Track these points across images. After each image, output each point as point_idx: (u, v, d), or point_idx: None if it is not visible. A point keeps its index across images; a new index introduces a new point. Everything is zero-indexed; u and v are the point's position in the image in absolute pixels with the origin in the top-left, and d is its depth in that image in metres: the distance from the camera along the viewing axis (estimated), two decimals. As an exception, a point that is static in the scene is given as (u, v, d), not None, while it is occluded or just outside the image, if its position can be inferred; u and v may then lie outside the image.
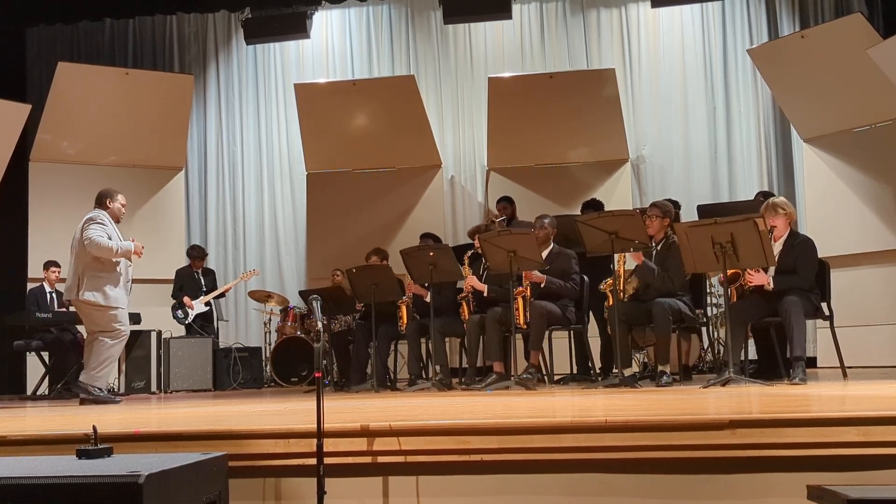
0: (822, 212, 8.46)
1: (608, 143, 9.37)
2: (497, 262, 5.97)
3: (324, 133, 9.74)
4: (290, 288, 10.04)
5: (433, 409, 3.94)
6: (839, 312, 6.00)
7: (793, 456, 2.69)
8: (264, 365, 9.17)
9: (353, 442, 2.89)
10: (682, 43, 10.08)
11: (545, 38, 10.31)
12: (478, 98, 10.12)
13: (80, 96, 9.13)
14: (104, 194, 6.46)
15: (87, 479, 2.17)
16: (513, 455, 2.84)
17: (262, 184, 10.64)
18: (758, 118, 9.79)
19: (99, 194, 6.48)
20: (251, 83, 10.76)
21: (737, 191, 9.62)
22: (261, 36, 10.03)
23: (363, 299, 7.02)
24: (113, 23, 10.67)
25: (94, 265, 6.19)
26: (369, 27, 10.60)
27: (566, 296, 6.17)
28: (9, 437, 3.08)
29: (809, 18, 9.60)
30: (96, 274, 6.18)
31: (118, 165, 9.54)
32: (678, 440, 2.75)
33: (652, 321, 5.60)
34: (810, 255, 5.40)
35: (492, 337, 6.11)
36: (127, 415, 4.52)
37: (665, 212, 5.92)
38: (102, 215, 6.32)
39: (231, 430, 2.99)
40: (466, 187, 10.26)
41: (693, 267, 5.36)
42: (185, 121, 9.81)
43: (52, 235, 9.04)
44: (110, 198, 6.41)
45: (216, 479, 2.57)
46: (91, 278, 6.16)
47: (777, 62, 8.53)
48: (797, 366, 5.08)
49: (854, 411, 2.81)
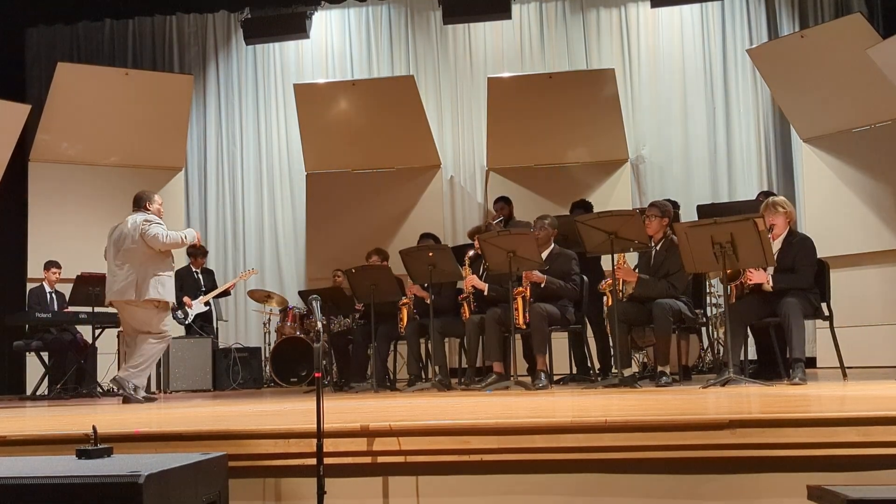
0: (822, 212, 8.46)
1: (608, 143, 9.37)
2: (496, 263, 5.96)
3: (323, 133, 9.74)
4: (290, 288, 10.04)
5: (433, 409, 3.94)
6: (839, 312, 5.99)
7: (792, 456, 2.69)
8: (264, 365, 9.17)
9: (353, 442, 2.89)
10: (681, 43, 10.09)
11: (544, 39, 10.31)
12: (477, 98, 10.13)
13: (79, 97, 9.13)
14: (142, 197, 6.49)
15: (86, 479, 2.17)
16: (512, 455, 2.84)
17: (261, 184, 10.64)
18: (757, 118, 9.79)
19: (137, 197, 6.51)
20: (251, 83, 10.77)
21: (736, 191, 9.62)
22: (260, 36, 10.03)
23: (363, 299, 7.02)
24: (112, 23, 10.68)
25: (158, 265, 6.27)
26: (369, 27, 10.60)
27: (566, 296, 6.16)
28: (9, 437, 3.07)
29: (809, 18, 9.61)
30: (160, 273, 6.27)
31: (118, 166, 9.54)
32: (678, 440, 2.75)
33: (651, 321, 5.60)
34: (809, 254, 5.40)
35: (491, 337, 6.11)
36: (127, 415, 4.52)
37: (664, 212, 5.92)
38: (151, 216, 6.36)
39: (231, 431, 2.99)
40: (466, 187, 10.27)
41: (693, 267, 5.36)
42: (185, 121, 9.81)
43: (51, 236, 9.06)
44: (148, 200, 6.47)
45: (216, 480, 2.57)
46: (155, 277, 6.23)
47: (777, 62, 8.53)
48: (797, 366, 5.07)
49: (854, 411, 2.81)
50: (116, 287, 6.26)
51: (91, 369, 8.15)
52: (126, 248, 6.25)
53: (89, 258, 8.59)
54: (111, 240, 6.41)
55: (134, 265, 6.22)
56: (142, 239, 6.20)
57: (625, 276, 5.79)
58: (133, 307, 6.25)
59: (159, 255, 6.29)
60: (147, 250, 6.22)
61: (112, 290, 6.31)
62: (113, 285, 6.29)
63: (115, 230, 6.42)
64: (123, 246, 6.26)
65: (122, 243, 6.28)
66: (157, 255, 6.26)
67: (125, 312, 6.36)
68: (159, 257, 6.29)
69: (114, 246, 6.34)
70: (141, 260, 6.22)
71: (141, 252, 6.22)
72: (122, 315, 6.44)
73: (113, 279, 6.30)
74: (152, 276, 6.21)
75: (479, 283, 6.39)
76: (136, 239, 6.23)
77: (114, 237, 6.38)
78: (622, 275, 5.76)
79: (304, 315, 8.92)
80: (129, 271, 6.21)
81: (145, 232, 6.19)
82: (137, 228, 6.22)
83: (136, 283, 6.19)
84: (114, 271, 6.31)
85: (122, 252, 6.25)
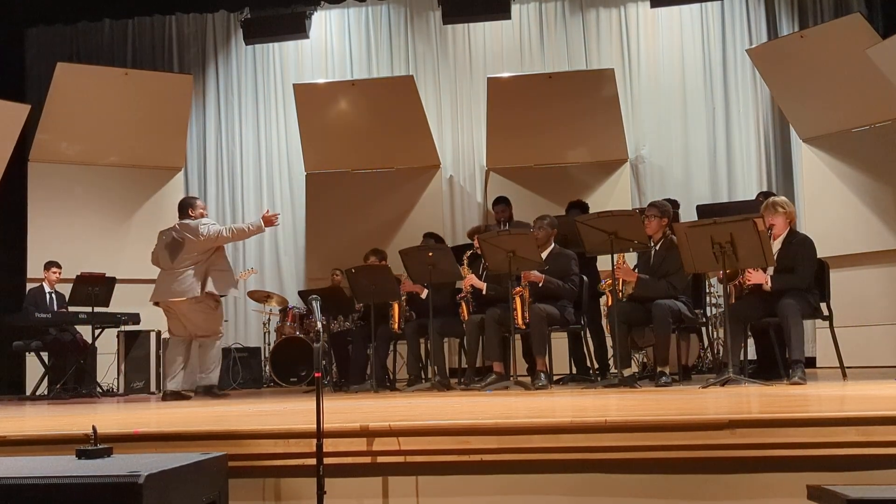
0: (821, 212, 8.46)
1: (607, 143, 9.38)
2: (496, 263, 5.96)
3: (323, 133, 9.74)
4: (290, 288, 10.04)
5: (432, 409, 3.94)
6: (838, 312, 5.99)
7: (792, 456, 2.69)
8: (263, 365, 9.17)
9: (353, 442, 2.89)
10: (681, 43, 10.09)
11: (544, 39, 10.31)
12: (477, 98, 10.13)
13: (79, 97, 9.13)
14: (186, 204, 6.92)
15: (86, 479, 2.17)
16: (512, 455, 2.84)
17: (261, 184, 10.64)
18: (757, 118, 9.79)
19: (181, 205, 6.94)
20: (250, 83, 10.76)
21: (736, 191, 9.62)
22: (260, 36, 10.04)
23: (362, 299, 7.02)
24: (112, 23, 10.67)
25: (218, 262, 6.73)
26: (368, 27, 10.61)
27: (565, 296, 6.16)
28: (8, 437, 3.07)
29: (809, 18, 9.61)
30: (222, 268, 6.76)
31: (117, 166, 9.54)
32: (677, 440, 2.75)
33: (651, 322, 5.60)
34: (809, 254, 5.40)
35: (491, 337, 6.11)
36: (126, 415, 4.52)
37: (663, 212, 5.92)
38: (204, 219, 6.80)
39: (230, 431, 2.99)
40: (465, 187, 10.27)
41: (692, 267, 5.36)
42: (185, 121, 9.81)
43: (51, 236, 9.05)
44: (191, 206, 6.86)
45: (216, 480, 2.57)
46: (219, 272, 6.70)
47: (776, 62, 8.53)
48: (796, 366, 5.07)
49: (853, 411, 2.81)
50: (178, 288, 6.60)
51: (91, 369, 8.15)
52: (185, 251, 6.65)
53: (89, 258, 8.62)
54: (162, 244, 6.80)
55: (198, 263, 6.65)
56: (198, 240, 6.61)
57: (624, 277, 5.78)
58: (195, 303, 6.62)
59: (215, 253, 6.73)
60: (203, 251, 6.66)
61: (172, 291, 6.63)
62: (174, 287, 6.62)
63: (164, 234, 6.85)
64: (181, 251, 6.65)
65: (177, 248, 6.66)
66: (212, 253, 6.70)
67: (181, 312, 6.69)
68: (215, 255, 6.72)
69: (167, 250, 6.71)
70: (201, 257, 6.67)
71: (200, 254, 6.66)
72: (176, 314, 6.74)
73: (174, 281, 6.63)
74: (213, 272, 6.68)
75: (478, 282, 6.39)
76: (193, 239, 6.62)
77: (166, 241, 6.77)
78: (622, 275, 5.76)
79: (304, 315, 8.92)
80: (192, 272, 6.62)
81: (208, 231, 6.62)
82: (196, 232, 6.63)
83: (202, 280, 6.62)
84: (172, 274, 6.66)
85: (181, 257, 6.65)
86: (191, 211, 6.82)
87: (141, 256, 8.18)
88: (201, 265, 6.65)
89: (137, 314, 8.26)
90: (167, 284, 6.68)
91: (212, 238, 6.63)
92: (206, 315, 6.73)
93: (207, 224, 6.71)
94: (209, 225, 6.70)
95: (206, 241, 6.64)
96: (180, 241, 6.67)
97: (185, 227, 6.71)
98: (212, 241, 6.65)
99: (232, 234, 6.74)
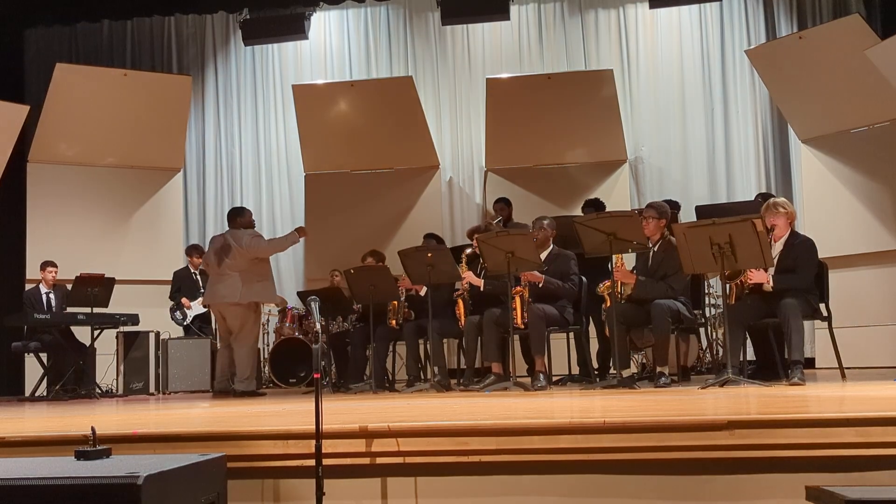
0: (820, 212, 8.46)
1: (606, 143, 9.38)
2: (495, 263, 5.96)
3: (322, 134, 9.74)
4: (288, 289, 10.03)
5: (431, 410, 3.94)
6: (837, 313, 5.99)
7: (791, 457, 2.69)
8: (262, 366, 9.16)
9: (352, 443, 2.89)
10: (679, 44, 10.09)
11: (543, 39, 10.31)
12: (476, 99, 10.13)
13: (78, 97, 9.12)
14: (235, 213, 7.33)
15: (85, 480, 2.17)
16: (511, 456, 2.84)
17: (260, 185, 10.64)
18: (756, 119, 9.80)
19: (230, 214, 7.38)
20: (249, 84, 10.76)
21: (735, 191, 9.62)
22: (259, 37, 10.03)
23: (361, 300, 7.02)
24: (111, 24, 10.66)
25: (261, 271, 7.17)
26: (367, 28, 10.60)
27: (564, 297, 6.15)
28: (7, 438, 3.07)
29: (807, 19, 9.61)
30: (264, 278, 7.20)
31: (116, 166, 9.54)
32: (677, 441, 2.75)
33: (650, 322, 5.60)
34: (810, 256, 5.40)
35: (490, 338, 6.10)
36: (125, 416, 4.52)
37: (661, 213, 5.91)
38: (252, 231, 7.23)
39: (229, 432, 2.99)
40: (464, 188, 10.26)
41: (691, 268, 5.36)
42: (184, 122, 9.80)
43: (50, 236, 9.05)
44: (240, 215, 7.29)
45: (215, 480, 2.57)
46: (261, 283, 7.15)
47: (775, 63, 8.53)
48: (795, 367, 5.08)
49: (852, 412, 2.81)
50: (222, 291, 7.08)
51: (90, 370, 8.14)
52: (230, 257, 7.05)
53: (88, 259, 8.61)
54: (212, 249, 7.22)
55: (240, 272, 7.07)
56: (246, 250, 7.03)
57: (623, 279, 5.79)
58: (236, 308, 7.06)
59: (259, 263, 7.15)
60: (250, 259, 7.07)
61: (217, 294, 7.14)
62: (219, 290, 7.11)
63: (215, 240, 7.28)
64: (227, 256, 7.06)
65: (224, 254, 7.07)
66: (257, 263, 7.12)
67: (227, 314, 7.13)
68: (259, 265, 7.15)
69: (215, 255, 7.14)
70: (243, 266, 7.08)
71: (245, 261, 7.07)
72: (223, 316, 7.19)
73: (219, 285, 7.11)
74: (257, 279, 7.12)
75: (475, 278, 6.39)
76: (240, 251, 7.04)
77: (215, 247, 7.17)
78: (620, 277, 5.76)
79: (303, 316, 8.91)
80: (235, 278, 7.05)
81: (255, 243, 7.06)
82: (241, 241, 7.05)
83: (241, 287, 7.03)
84: (218, 278, 7.13)
85: (226, 262, 7.06)
86: (239, 220, 7.25)
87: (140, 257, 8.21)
88: (246, 273, 7.07)
89: (136, 315, 8.25)
90: (213, 287, 7.18)
91: (253, 249, 7.05)
92: (243, 321, 7.10)
93: (252, 235, 7.13)
94: (254, 237, 7.12)
95: (249, 251, 7.05)
96: (228, 247, 7.08)
97: (234, 235, 7.13)
98: (253, 251, 7.06)
99: (272, 246, 7.28)
